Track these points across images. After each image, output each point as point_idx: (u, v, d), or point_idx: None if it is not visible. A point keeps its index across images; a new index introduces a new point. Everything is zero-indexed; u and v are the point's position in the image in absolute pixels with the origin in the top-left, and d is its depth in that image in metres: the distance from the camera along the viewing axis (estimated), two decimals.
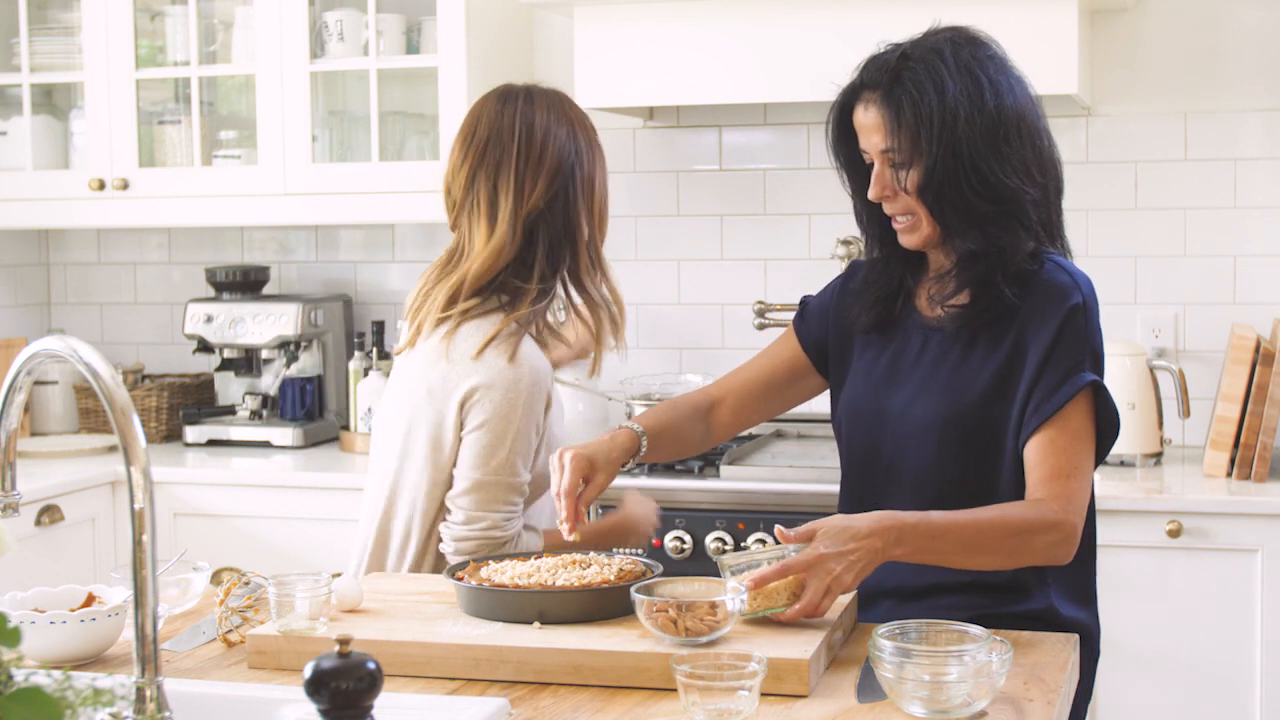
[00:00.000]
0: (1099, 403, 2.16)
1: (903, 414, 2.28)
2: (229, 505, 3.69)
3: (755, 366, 2.54)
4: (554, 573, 2.12)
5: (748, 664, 1.76)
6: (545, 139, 2.53)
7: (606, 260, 2.60)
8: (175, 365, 4.45)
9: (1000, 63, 2.24)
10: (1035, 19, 3.32)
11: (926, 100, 2.18)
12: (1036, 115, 2.24)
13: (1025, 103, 2.23)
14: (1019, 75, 2.26)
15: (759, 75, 3.49)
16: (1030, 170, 2.21)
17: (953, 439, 2.22)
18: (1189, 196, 3.74)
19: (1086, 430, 2.15)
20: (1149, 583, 3.19)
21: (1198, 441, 3.72)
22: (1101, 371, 2.19)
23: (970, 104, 2.18)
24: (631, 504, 2.78)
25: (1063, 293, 2.19)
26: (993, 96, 2.19)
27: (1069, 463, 2.13)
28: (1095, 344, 2.19)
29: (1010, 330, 2.21)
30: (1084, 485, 2.14)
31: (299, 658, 1.97)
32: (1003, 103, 2.19)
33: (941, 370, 2.26)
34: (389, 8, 3.87)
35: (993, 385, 2.21)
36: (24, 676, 1.36)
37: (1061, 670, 1.99)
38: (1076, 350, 2.16)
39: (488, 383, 2.44)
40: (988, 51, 2.25)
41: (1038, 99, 2.28)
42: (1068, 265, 2.25)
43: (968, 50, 2.23)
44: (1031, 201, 2.21)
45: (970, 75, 2.20)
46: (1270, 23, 3.67)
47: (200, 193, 3.98)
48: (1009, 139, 2.19)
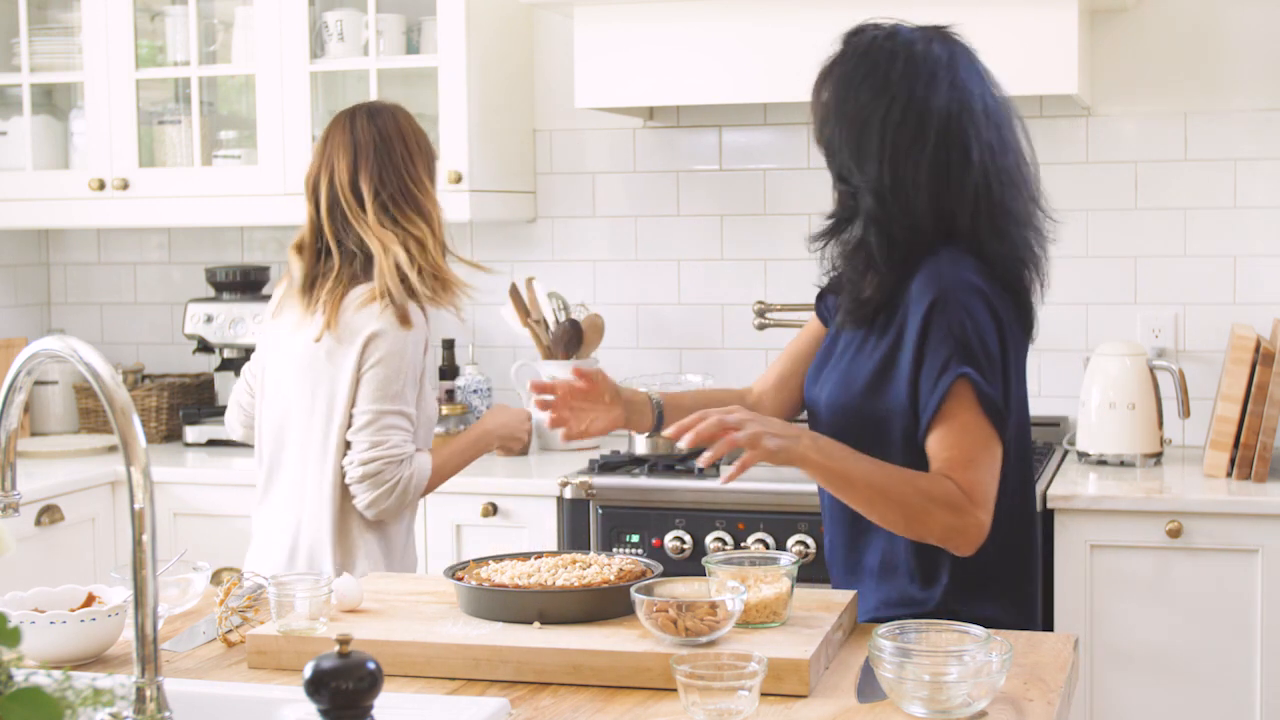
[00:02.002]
0: (980, 393, 2.13)
1: (816, 402, 2.34)
2: (229, 505, 3.69)
3: (785, 353, 2.55)
4: (554, 573, 2.12)
5: (748, 664, 1.76)
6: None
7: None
8: (175, 365, 4.45)
9: (940, 63, 2.20)
10: (1035, 19, 3.32)
11: (820, 93, 2.26)
12: (973, 117, 2.20)
13: (955, 103, 2.19)
14: (966, 81, 2.21)
15: (759, 75, 3.49)
16: (927, 167, 2.17)
17: (844, 426, 2.24)
18: (1189, 196, 3.74)
19: (975, 422, 2.13)
20: (1149, 583, 3.19)
21: (1198, 441, 3.72)
22: (976, 361, 2.13)
23: (863, 98, 2.20)
24: (493, 413, 3.03)
25: (927, 287, 2.17)
26: (903, 92, 2.18)
27: (963, 455, 2.12)
28: (963, 335, 2.14)
29: (894, 321, 2.22)
30: (984, 477, 2.12)
31: (299, 658, 1.97)
32: (912, 100, 2.18)
33: (843, 360, 2.30)
34: (389, 8, 3.87)
35: (876, 374, 2.23)
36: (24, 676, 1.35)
37: (1062, 670, 1.99)
38: (941, 344, 2.14)
39: (382, 329, 2.76)
40: (935, 50, 2.21)
41: (1001, 101, 2.25)
42: (951, 258, 2.19)
43: (903, 47, 2.21)
44: (925, 196, 2.18)
45: (882, 73, 2.20)
46: (1270, 23, 3.67)
47: (200, 193, 3.98)
48: (911, 135, 2.17)
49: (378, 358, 2.77)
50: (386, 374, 2.77)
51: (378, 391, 2.77)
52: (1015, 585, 2.29)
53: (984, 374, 2.13)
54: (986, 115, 2.21)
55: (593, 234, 4.12)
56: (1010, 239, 2.26)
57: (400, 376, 2.77)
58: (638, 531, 3.38)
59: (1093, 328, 3.81)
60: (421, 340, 2.81)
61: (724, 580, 2.05)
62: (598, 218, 4.12)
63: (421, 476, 2.82)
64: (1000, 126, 2.23)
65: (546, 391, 2.36)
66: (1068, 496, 3.20)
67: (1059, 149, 3.80)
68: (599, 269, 4.12)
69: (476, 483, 3.49)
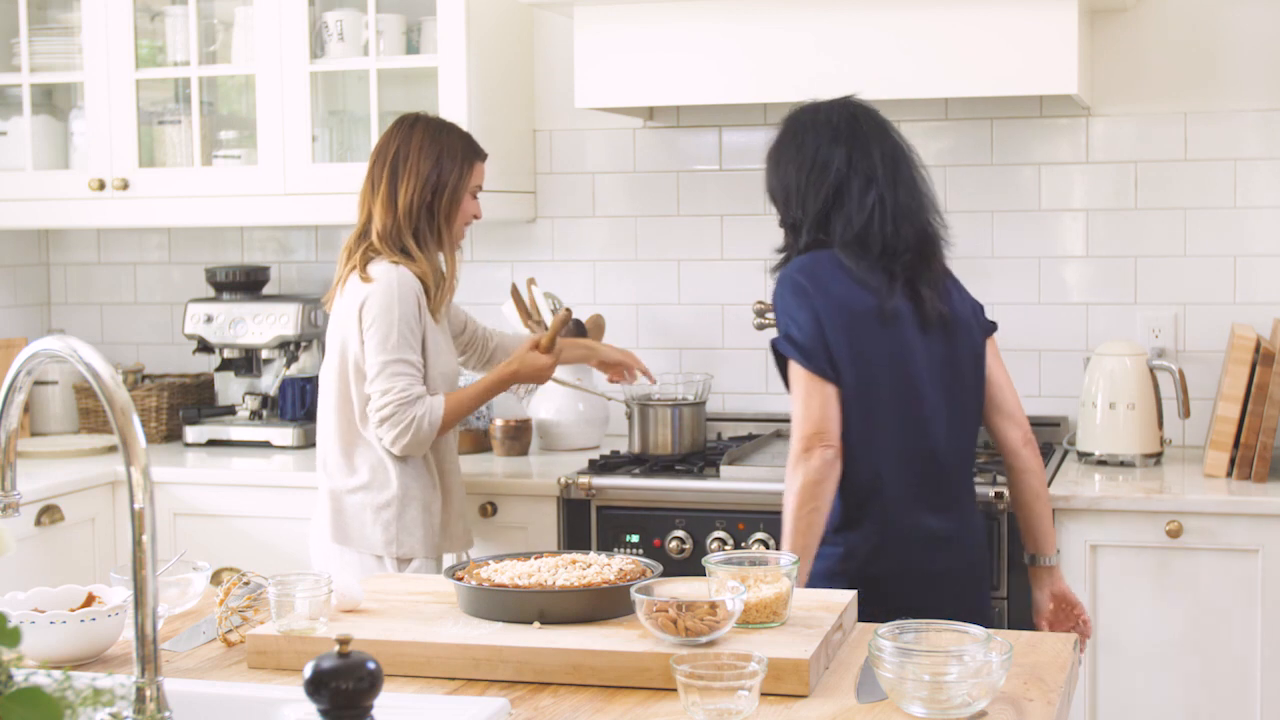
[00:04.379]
0: (788, 352, 2.74)
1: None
2: (229, 505, 3.69)
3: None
4: (554, 572, 2.12)
5: (748, 664, 1.76)
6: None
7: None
8: (175, 365, 4.45)
9: (840, 128, 2.83)
10: (1035, 19, 3.32)
11: (768, 159, 2.93)
12: (869, 161, 2.80)
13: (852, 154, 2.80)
14: (864, 137, 2.82)
15: (759, 75, 3.49)
16: (786, 192, 2.85)
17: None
18: (1189, 196, 3.74)
19: (792, 378, 2.74)
20: (1149, 583, 3.19)
21: (1198, 441, 3.72)
22: (788, 334, 2.74)
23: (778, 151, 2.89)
24: (522, 358, 3.37)
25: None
26: (811, 150, 2.83)
27: (793, 411, 2.74)
28: (781, 312, 2.78)
29: None
30: (796, 425, 2.71)
31: (299, 658, 1.98)
32: (818, 155, 2.82)
33: None
34: (389, 8, 3.87)
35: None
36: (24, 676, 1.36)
37: (1062, 670, 1.99)
38: (776, 321, 2.81)
39: (370, 291, 3.16)
40: (834, 117, 2.85)
41: (897, 146, 2.85)
42: (797, 260, 2.81)
43: (812, 117, 2.87)
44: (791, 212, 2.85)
45: (798, 139, 2.85)
46: (1270, 23, 3.67)
47: (200, 193, 3.98)
48: (786, 173, 2.86)
49: (369, 320, 3.15)
50: (380, 331, 3.14)
51: (377, 346, 3.14)
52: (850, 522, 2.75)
53: (794, 344, 2.73)
54: (881, 158, 2.80)
55: (593, 234, 4.12)
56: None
57: (392, 330, 3.13)
58: (638, 531, 3.38)
59: (1093, 328, 3.81)
60: (408, 296, 3.15)
61: (724, 580, 2.05)
62: (598, 218, 4.12)
63: (435, 414, 3.16)
64: (896, 164, 2.82)
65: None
66: (1068, 496, 3.20)
67: (1059, 149, 3.81)
68: (599, 269, 4.12)
69: (477, 483, 3.49)
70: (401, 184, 3.21)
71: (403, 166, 3.22)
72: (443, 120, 3.32)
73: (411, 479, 3.21)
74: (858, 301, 2.73)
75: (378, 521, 3.20)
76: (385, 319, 3.14)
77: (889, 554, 2.71)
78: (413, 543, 3.20)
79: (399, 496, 3.20)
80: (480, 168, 3.30)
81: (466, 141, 3.29)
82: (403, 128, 3.26)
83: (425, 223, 3.23)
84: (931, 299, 2.77)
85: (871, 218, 2.76)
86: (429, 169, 3.21)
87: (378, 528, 3.20)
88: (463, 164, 3.25)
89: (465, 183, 3.26)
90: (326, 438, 3.27)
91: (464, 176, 3.25)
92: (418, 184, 3.21)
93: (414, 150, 3.22)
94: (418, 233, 3.22)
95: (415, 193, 3.21)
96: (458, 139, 3.27)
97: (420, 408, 3.14)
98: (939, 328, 2.77)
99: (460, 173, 3.24)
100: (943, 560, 2.75)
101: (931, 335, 2.76)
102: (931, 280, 2.79)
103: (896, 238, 2.76)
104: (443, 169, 3.22)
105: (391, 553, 3.20)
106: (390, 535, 3.20)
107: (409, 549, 3.20)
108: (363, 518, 3.21)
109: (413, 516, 3.21)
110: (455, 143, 3.26)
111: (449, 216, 3.25)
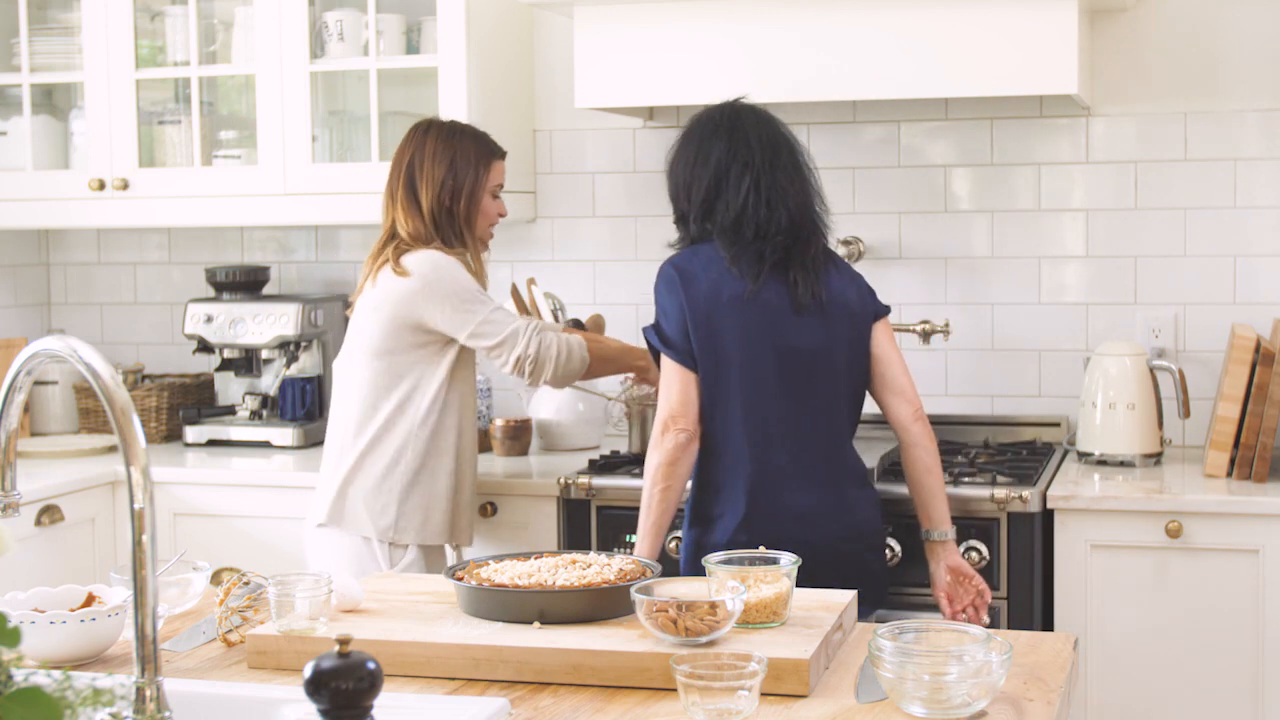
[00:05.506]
0: (650, 338, 2.97)
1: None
2: (229, 505, 3.69)
3: None
4: (554, 573, 2.12)
5: (748, 664, 1.76)
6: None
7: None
8: (175, 365, 4.45)
9: (721, 125, 3.01)
10: (1035, 19, 3.32)
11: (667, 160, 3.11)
12: (749, 153, 2.95)
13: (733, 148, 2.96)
14: (745, 132, 2.98)
15: (759, 75, 3.49)
16: (676, 187, 3.04)
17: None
18: (1189, 196, 3.74)
19: (662, 366, 2.94)
20: (1149, 583, 3.19)
21: (1198, 441, 3.72)
22: (656, 323, 2.97)
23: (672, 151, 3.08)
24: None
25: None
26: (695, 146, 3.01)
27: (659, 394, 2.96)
28: (656, 303, 2.98)
29: None
30: (659, 407, 2.93)
31: (299, 658, 1.98)
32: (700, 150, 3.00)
33: None
34: (389, 8, 3.87)
35: None
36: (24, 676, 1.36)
37: (1062, 670, 1.99)
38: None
39: (420, 274, 3.18)
40: (716, 116, 3.03)
41: (781, 137, 3.01)
42: (677, 254, 3.02)
43: (700, 120, 3.04)
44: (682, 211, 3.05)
45: (682, 133, 3.05)
46: (1270, 23, 3.67)
47: (200, 193, 3.98)
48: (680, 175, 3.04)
49: (438, 298, 3.18)
50: (454, 300, 3.18)
51: (463, 313, 3.19)
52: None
53: (656, 331, 2.95)
54: (760, 145, 2.95)
55: (593, 234, 4.12)
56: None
57: (463, 292, 3.18)
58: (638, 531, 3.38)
59: (1093, 328, 3.81)
60: (455, 265, 3.20)
61: (724, 580, 2.05)
62: (598, 218, 4.12)
63: (576, 340, 3.30)
64: (776, 150, 2.96)
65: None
66: (1068, 496, 3.20)
67: (1059, 149, 3.81)
68: (599, 269, 4.12)
69: (477, 483, 3.49)
70: (421, 191, 3.25)
71: (419, 174, 3.25)
72: (456, 124, 3.34)
73: (426, 466, 3.22)
74: (725, 289, 2.90)
75: (376, 501, 3.20)
76: (452, 287, 3.17)
77: (754, 530, 2.85)
78: (410, 529, 3.21)
79: (408, 482, 3.21)
80: (499, 166, 3.33)
81: (480, 142, 3.30)
82: (416, 135, 3.29)
83: (449, 227, 3.26)
84: (805, 282, 2.91)
85: (746, 201, 2.91)
86: (444, 174, 3.24)
87: (375, 508, 3.20)
88: (478, 165, 3.27)
89: (483, 183, 3.29)
90: (346, 421, 3.26)
91: (481, 178, 3.28)
92: (435, 189, 3.24)
93: (428, 156, 3.25)
94: (444, 237, 3.26)
95: (434, 198, 3.24)
96: (470, 141, 3.29)
97: (549, 335, 3.24)
98: (814, 312, 2.91)
99: (476, 174, 3.27)
100: (814, 535, 2.85)
101: (804, 319, 2.91)
102: (806, 264, 2.93)
103: (770, 221, 2.91)
104: (458, 172, 3.25)
105: (389, 537, 3.20)
106: (389, 519, 3.20)
107: (404, 534, 3.20)
108: (362, 496, 3.21)
109: (416, 503, 3.21)
110: (468, 145, 3.28)
111: (469, 219, 3.27)
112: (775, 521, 2.88)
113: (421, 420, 3.21)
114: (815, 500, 2.91)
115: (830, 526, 2.90)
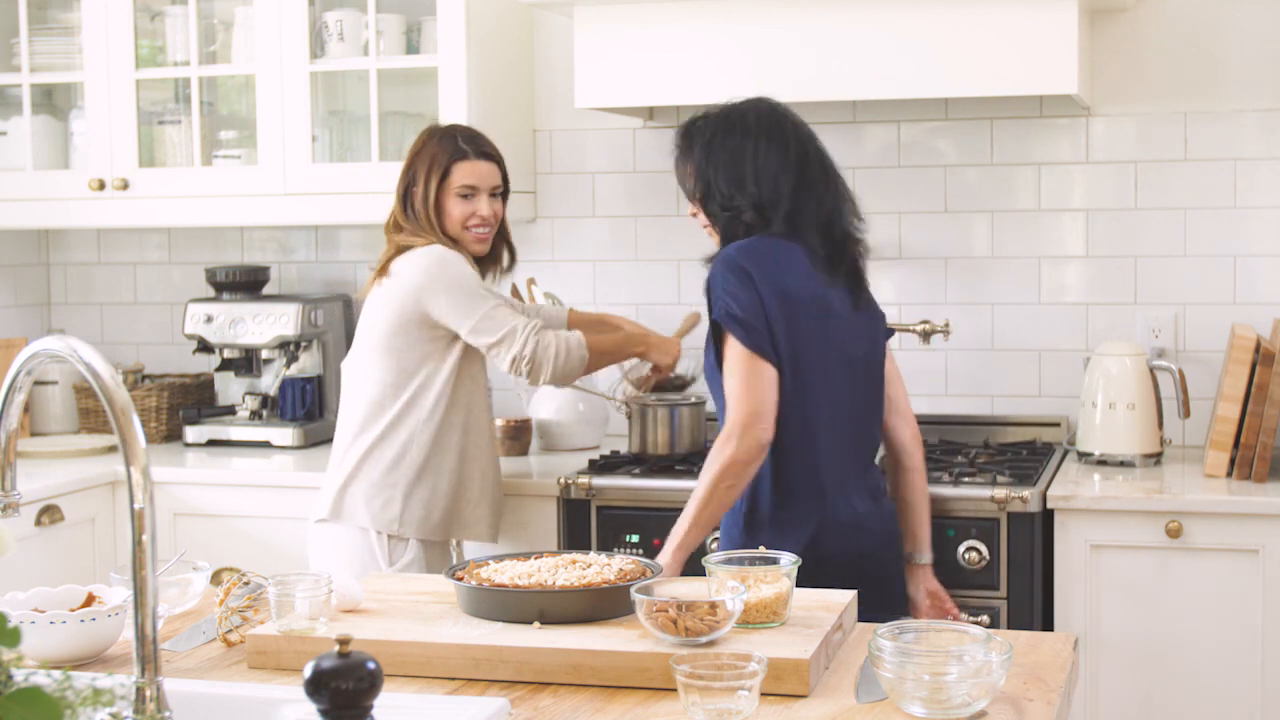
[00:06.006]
0: (733, 330, 2.74)
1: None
2: (229, 505, 3.69)
3: None
4: (554, 573, 2.12)
5: (748, 664, 1.76)
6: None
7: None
8: (175, 365, 4.45)
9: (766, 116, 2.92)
10: (1035, 19, 3.32)
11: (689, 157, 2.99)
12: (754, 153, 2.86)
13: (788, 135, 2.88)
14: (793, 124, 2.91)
15: (759, 75, 3.48)
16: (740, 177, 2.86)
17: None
18: (1189, 196, 3.74)
19: (732, 357, 2.74)
20: (1149, 583, 3.19)
21: (1198, 441, 3.72)
22: (729, 311, 2.74)
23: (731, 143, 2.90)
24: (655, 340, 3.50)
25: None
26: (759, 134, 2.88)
27: (730, 389, 2.75)
28: (722, 292, 2.76)
29: None
30: (734, 403, 2.72)
31: (299, 658, 1.98)
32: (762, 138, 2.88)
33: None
34: (389, 8, 3.87)
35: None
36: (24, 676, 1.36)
37: (1062, 670, 1.99)
38: (711, 302, 2.79)
39: (422, 270, 3.20)
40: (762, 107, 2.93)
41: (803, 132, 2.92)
42: (735, 245, 2.81)
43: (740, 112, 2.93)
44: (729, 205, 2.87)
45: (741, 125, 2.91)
46: (1270, 23, 3.67)
47: (200, 193, 3.98)
48: (777, 160, 2.86)
49: (440, 290, 3.19)
50: (454, 295, 3.19)
51: (464, 308, 3.19)
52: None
53: (739, 323, 2.73)
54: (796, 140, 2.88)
55: (593, 234, 4.12)
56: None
57: (464, 288, 3.19)
58: (638, 531, 3.38)
59: (1093, 328, 3.81)
60: (455, 259, 3.21)
61: (724, 580, 2.05)
62: (598, 218, 4.12)
63: (575, 336, 3.26)
64: (824, 161, 2.89)
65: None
66: (1068, 496, 3.20)
67: (1059, 149, 3.81)
68: (599, 269, 4.12)
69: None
70: (400, 192, 3.31)
71: (402, 176, 3.32)
72: (446, 126, 3.37)
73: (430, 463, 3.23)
74: (804, 288, 2.78)
75: (379, 496, 3.20)
76: (454, 280, 3.19)
77: (826, 540, 2.76)
78: (411, 523, 3.21)
79: (413, 478, 3.21)
80: (463, 167, 3.28)
81: (444, 145, 3.29)
82: (419, 137, 3.35)
83: (425, 226, 3.28)
84: (860, 289, 2.89)
85: (837, 199, 2.87)
86: (408, 174, 3.30)
87: (377, 503, 3.20)
88: (433, 166, 3.27)
89: (445, 186, 3.28)
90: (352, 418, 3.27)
91: (439, 180, 3.27)
92: (402, 190, 3.31)
93: (408, 157, 3.33)
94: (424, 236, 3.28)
95: (401, 198, 3.31)
96: (438, 143, 3.30)
97: (547, 335, 3.22)
98: (865, 320, 2.89)
99: (430, 176, 3.27)
100: (867, 543, 2.83)
101: (858, 327, 2.87)
102: (860, 274, 2.91)
103: (841, 229, 2.87)
104: (415, 175, 3.29)
105: (391, 530, 3.20)
106: (392, 514, 3.20)
107: (406, 529, 3.20)
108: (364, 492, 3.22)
109: (419, 498, 3.22)
110: (434, 146, 3.30)
111: (433, 220, 3.28)
112: (843, 529, 2.79)
113: (427, 417, 3.21)
114: (873, 508, 2.86)
115: (878, 535, 2.86)
